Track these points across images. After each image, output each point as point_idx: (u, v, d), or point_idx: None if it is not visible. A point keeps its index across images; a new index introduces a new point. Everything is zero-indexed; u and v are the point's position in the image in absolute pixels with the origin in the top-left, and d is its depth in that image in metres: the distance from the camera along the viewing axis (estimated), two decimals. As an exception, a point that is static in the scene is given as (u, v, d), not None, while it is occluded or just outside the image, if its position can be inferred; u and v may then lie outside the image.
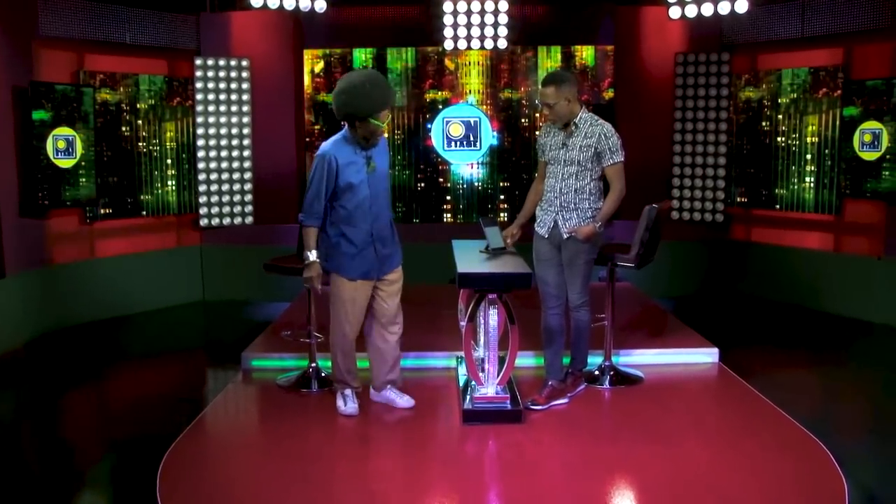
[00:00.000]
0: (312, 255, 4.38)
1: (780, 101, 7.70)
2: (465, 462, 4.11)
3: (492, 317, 4.46)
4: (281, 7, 7.48)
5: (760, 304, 7.81)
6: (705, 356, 5.57)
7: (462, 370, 5.04)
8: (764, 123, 7.87)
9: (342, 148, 4.37)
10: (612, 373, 5.14)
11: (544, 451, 4.20)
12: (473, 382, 4.56)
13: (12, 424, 4.92)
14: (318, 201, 4.34)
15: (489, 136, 8.45)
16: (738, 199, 8.16)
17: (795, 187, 7.64)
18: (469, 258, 4.73)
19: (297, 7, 7.51)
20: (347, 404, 4.57)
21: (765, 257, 7.98)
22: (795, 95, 7.57)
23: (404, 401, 4.68)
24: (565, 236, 4.57)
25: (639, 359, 5.50)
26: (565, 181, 4.56)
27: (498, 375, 4.49)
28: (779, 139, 7.74)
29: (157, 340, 7.01)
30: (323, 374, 5.13)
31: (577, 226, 4.53)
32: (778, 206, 7.80)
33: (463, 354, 4.75)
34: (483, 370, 4.52)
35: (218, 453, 4.20)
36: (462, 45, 8.01)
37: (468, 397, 4.57)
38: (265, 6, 7.44)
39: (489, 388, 4.49)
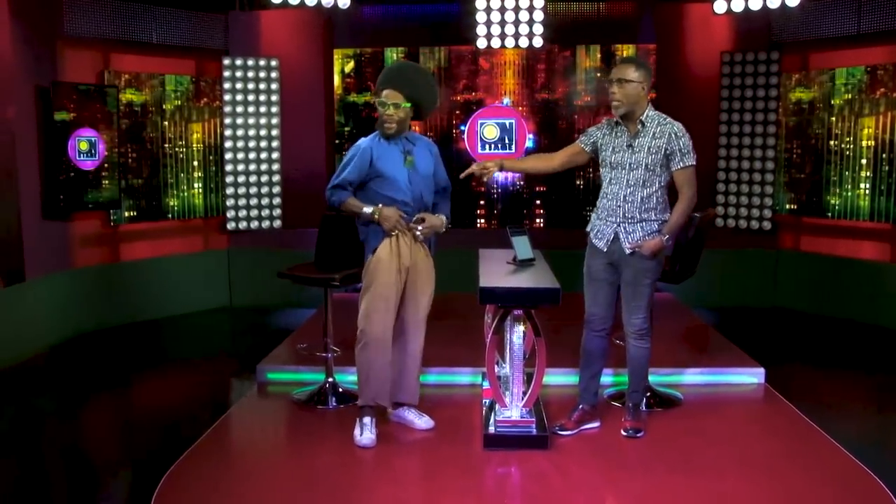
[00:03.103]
0: (370, 208, 4.15)
1: (833, 102, 7.26)
2: (483, 493, 3.80)
3: (517, 334, 4.17)
4: (302, 4, 7.28)
5: (810, 318, 7.36)
6: (750, 377, 5.20)
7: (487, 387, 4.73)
8: (815, 126, 7.43)
9: (377, 141, 4.27)
10: (648, 394, 4.79)
11: (571, 481, 3.87)
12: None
13: (27, 432, 4.77)
14: (344, 182, 4.19)
15: (525, 138, 8.14)
16: (788, 206, 7.73)
17: (849, 194, 7.20)
18: (494, 270, 4.42)
19: (319, 4, 7.31)
20: (364, 434, 4.19)
21: (815, 268, 7.54)
22: (850, 96, 7.13)
23: (423, 421, 4.40)
24: (627, 251, 4.16)
25: (678, 378, 5.15)
26: (631, 188, 4.12)
27: (523, 396, 4.19)
28: (832, 143, 7.30)
29: (180, 347, 6.86)
30: (340, 390, 4.88)
31: (640, 240, 4.13)
32: (830, 214, 7.37)
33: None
34: (508, 390, 4.23)
35: (222, 475, 3.93)
36: (496, 43, 7.72)
37: (491, 420, 4.27)
38: (286, 4, 7.27)
39: (513, 411, 4.19)
